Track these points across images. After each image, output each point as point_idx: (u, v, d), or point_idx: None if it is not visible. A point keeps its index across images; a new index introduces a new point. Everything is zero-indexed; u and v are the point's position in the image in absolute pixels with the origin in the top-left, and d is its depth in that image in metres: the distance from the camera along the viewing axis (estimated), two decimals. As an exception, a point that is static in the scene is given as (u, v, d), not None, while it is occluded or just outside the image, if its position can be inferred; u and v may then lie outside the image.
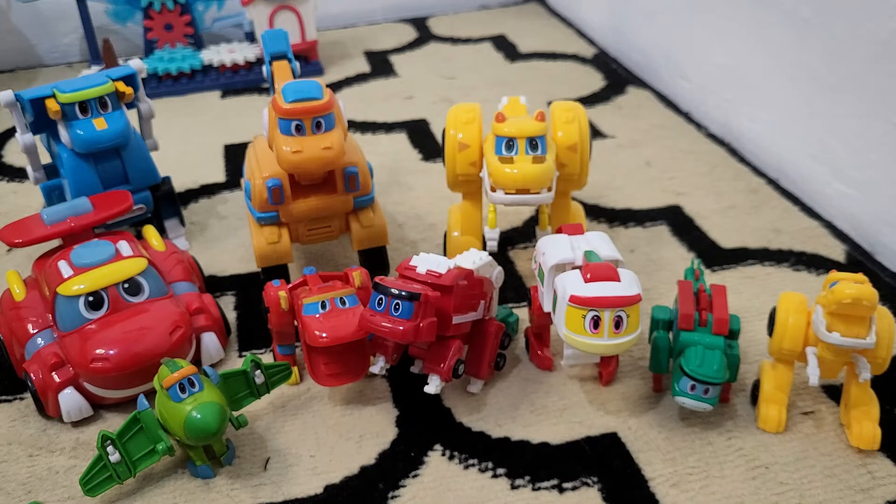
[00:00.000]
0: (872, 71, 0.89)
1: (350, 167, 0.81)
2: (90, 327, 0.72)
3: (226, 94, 1.40)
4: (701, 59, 1.22)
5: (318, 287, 0.73)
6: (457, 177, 0.85)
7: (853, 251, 0.92)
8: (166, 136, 1.07)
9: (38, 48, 1.57)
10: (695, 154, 1.14)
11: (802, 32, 0.99)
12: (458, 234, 0.87)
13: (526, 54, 1.51)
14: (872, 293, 0.62)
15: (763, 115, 1.09)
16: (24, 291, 0.79)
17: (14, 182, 1.15)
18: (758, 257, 0.91)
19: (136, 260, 0.77)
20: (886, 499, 0.62)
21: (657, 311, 0.73)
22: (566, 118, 0.83)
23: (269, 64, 0.85)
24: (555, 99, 0.94)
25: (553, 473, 0.66)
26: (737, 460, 0.66)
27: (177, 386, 0.64)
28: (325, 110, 0.77)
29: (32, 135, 0.89)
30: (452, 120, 0.85)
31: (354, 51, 1.57)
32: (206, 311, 0.79)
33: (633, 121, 1.24)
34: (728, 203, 1.02)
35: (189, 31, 1.46)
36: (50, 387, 0.71)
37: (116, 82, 0.88)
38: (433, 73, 1.45)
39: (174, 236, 0.97)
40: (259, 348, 0.81)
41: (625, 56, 1.45)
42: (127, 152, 0.90)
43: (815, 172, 1.00)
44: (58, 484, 0.67)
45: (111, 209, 0.82)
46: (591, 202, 1.03)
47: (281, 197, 0.81)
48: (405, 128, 1.25)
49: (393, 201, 1.04)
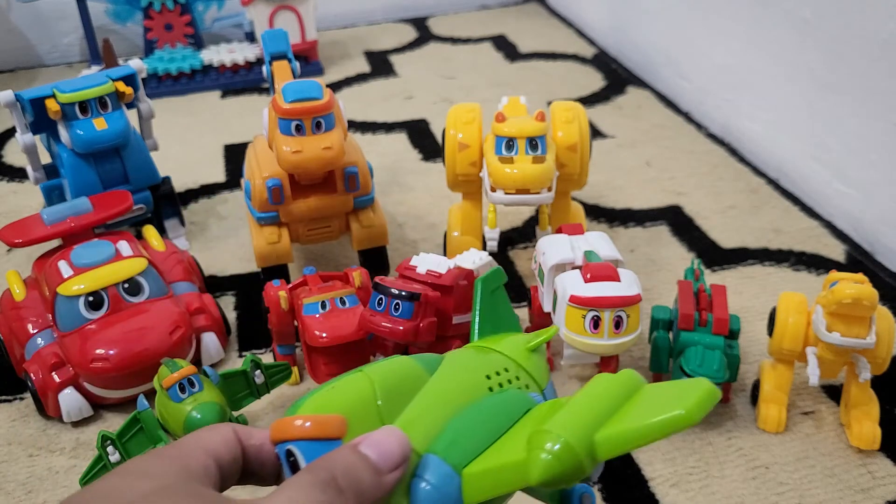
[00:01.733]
0: (872, 71, 0.89)
1: (350, 167, 0.81)
2: (90, 327, 0.72)
3: (226, 94, 1.40)
4: (701, 59, 1.22)
5: (318, 287, 0.73)
6: (457, 177, 0.85)
7: (853, 251, 0.92)
8: (166, 136, 1.07)
9: (38, 48, 1.57)
10: (695, 154, 1.14)
11: (802, 32, 0.99)
12: (458, 234, 0.87)
13: (526, 54, 1.51)
14: (872, 293, 0.62)
15: (763, 115, 1.09)
16: (24, 291, 0.79)
17: (14, 182, 1.15)
18: (758, 257, 0.91)
19: (136, 260, 0.77)
20: (886, 499, 0.62)
21: (657, 311, 0.73)
22: (566, 118, 0.83)
23: (269, 64, 0.85)
24: (555, 99, 0.94)
25: (553, 473, 0.65)
26: (737, 460, 0.66)
27: (177, 386, 0.64)
28: (325, 110, 0.77)
29: (32, 135, 0.89)
30: (452, 120, 0.85)
31: (354, 51, 1.57)
32: (206, 311, 0.79)
33: (633, 121, 1.24)
34: (728, 203, 1.02)
35: (189, 31, 1.46)
36: (50, 387, 0.71)
37: (116, 82, 0.88)
38: (433, 73, 1.45)
39: (174, 236, 0.97)
40: (259, 348, 0.81)
41: (625, 56, 1.45)
42: (127, 152, 0.90)
43: (815, 172, 1.00)
44: (58, 484, 0.67)
45: (111, 209, 0.82)
46: (591, 202, 1.03)
47: (281, 197, 0.81)
48: (405, 128, 1.25)
49: (393, 201, 1.04)
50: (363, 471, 0.29)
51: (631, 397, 0.31)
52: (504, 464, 0.31)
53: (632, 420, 0.30)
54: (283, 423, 0.31)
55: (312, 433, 0.30)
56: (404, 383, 0.34)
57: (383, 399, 0.33)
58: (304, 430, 0.30)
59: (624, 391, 0.32)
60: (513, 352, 0.40)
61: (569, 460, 0.29)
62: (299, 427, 0.30)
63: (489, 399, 0.36)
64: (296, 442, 0.31)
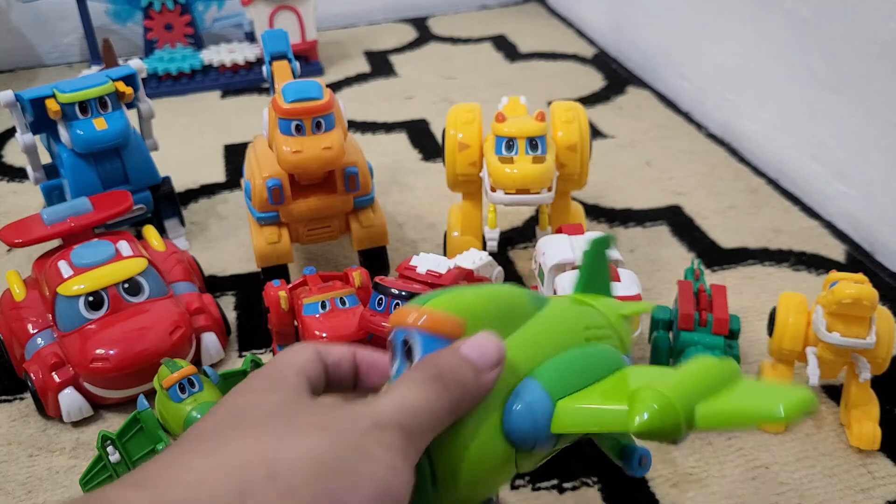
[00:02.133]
0: (872, 71, 0.89)
1: (350, 167, 0.81)
2: (90, 327, 0.72)
3: (226, 94, 1.40)
4: (701, 59, 1.22)
5: (318, 287, 0.73)
6: (457, 177, 0.85)
7: (853, 251, 0.92)
8: (166, 136, 1.07)
9: (38, 48, 1.57)
10: (695, 154, 1.14)
11: (802, 32, 0.99)
12: (458, 234, 0.87)
13: (526, 54, 1.51)
14: (872, 293, 0.62)
15: (763, 115, 1.09)
16: (24, 291, 0.79)
17: (14, 182, 1.15)
18: (758, 257, 0.91)
19: (136, 260, 0.77)
20: (886, 499, 0.62)
21: (657, 311, 0.73)
22: (566, 118, 0.83)
23: (269, 64, 0.85)
24: (555, 99, 0.94)
25: (553, 473, 0.65)
26: (737, 460, 0.66)
27: (177, 386, 0.64)
28: (325, 110, 0.77)
29: (32, 135, 0.89)
30: (452, 120, 0.85)
31: (354, 51, 1.57)
32: (206, 311, 0.79)
33: (633, 121, 1.24)
34: (728, 203, 1.02)
35: (189, 31, 1.46)
36: (50, 387, 0.71)
37: (116, 82, 0.88)
38: (433, 73, 1.45)
39: (174, 236, 0.97)
40: (259, 348, 0.81)
41: (625, 56, 1.45)
42: (127, 152, 0.90)
43: (815, 172, 1.00)
44: (58, 484, 0.67)
45: (111, 209, 0.82)
46: (591, 202, 1.03)
47: (281, 197, 0.81)
48: (405, 128, 1.25)
49: (393, 201, 1.04)
50: (466, 370, 0.33)
51: (731, 383, 0.34)
52: (604, 407, 0.34)
53: (732, 402, 0.32)
54: (405, 311, 0.34)
55: (433, 327, 0.34)
56: (516, 310, 0.37)
57: (497, 317, 0.36)
58: (425, 322, 0.34)
59: (726, 375, 0.34)
60: (609, 312, 0.42)
61: (669, 420, 0.31)
62: (420, 318, 0.34)
63: (589, 347, 0.38)
64: (416, 333, 0.34)
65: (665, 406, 0.31)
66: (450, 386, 0.32)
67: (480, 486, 0.34)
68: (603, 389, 0.35)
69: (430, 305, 0.34)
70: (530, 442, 0.34)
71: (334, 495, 0.27)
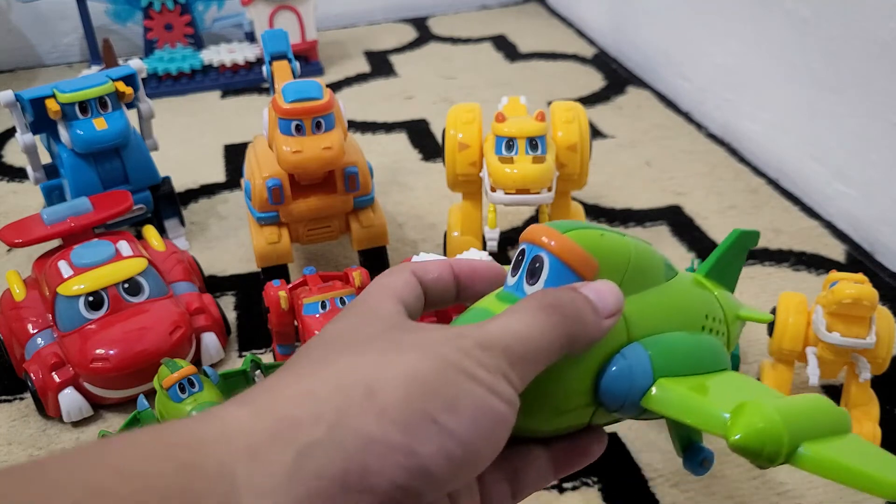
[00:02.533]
0: (872, 71, 0.89)
1: (350, 167, 0.81)
2: (90, 327, 0.72)
3: (226, 94, 1.40)
4: (701, 59, 1.22)
5: (318, 287, 0.73)
6: (457, 177, 0.85)
7: (853, 251, 0.92)
8: (166, 136, 1.07)
9: (38, 48, 1.57)
10: (695, 154, 1.14)
11: (802, 32, 0.99)
12: (458, 234, 0.87)
13: (526, 54, 1.51)
14: (872, 293, 0.62)
15: (763, 115, 1.09)
16: (24, 291, 0.79)
17: (14, 182, 1.15)
18: (758, 257, 0.91)
19: (136, 260, 0.77)
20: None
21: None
22: (566, 118, 0.83)
23: (269, 64, 0.85)
24: (555, 99, 0.94)
25: (553, 473, 0.65)
26: (737, 460, 0.66)
27: (177, 386, 0.64)
28: (325, 110, 0.77)
29: (32, 135, 0.89)
30: (452, 120, 0.85)
31: (354, 51, 1.57)
32: (206, 311, 0.79)
33: (633, 121, 1.24)
34: (728, 203, 1.02)
35: (189, 31, 1.46)
36: (50, 387, 0.71)
37: (116, 82, 0.88)
38: (433, 73, 1.45)
39: (174, 236, 0.97)
40: (259, 348, 0.81)
41: (625, 56, 1.45)
42: (127, 152, 0.90)
43: (815, 172, 1.00)
44: (58, 484, 0.67)
45: (111, 209, 0.82)
46: (591, 202, 1.03)
47: (281, 197, 0.81)
48: (405, 128, 1.25)
49: (393, 201, 1.04)
50: (586, 309, 0.32)
51: (840, 432, 0.32)
52: (703, 407, 0.32)
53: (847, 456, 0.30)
54: (547, 233, 0.33)
55: (570, 260, 0.33)
56: (648, 272, 0.36)
57: (630, 273, 0.35)
58: (564, 252, 0.33)
59: (838, 423, 0.33)
60: (727, 307, 0.41)
61: (771, 445, 0.30)
62: (561, 247, 0.33)
63: (704, 337, 0.37)
64: (551, 256, 0.33)
65: (770, 430, 0.30)
66: (568, 318, 0.31)
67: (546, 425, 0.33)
68: (707, 385, 0.34)
69: (572, 236, 0.33)
70: (616, 404, 0.33)
71: (431, 415, 0.27)
